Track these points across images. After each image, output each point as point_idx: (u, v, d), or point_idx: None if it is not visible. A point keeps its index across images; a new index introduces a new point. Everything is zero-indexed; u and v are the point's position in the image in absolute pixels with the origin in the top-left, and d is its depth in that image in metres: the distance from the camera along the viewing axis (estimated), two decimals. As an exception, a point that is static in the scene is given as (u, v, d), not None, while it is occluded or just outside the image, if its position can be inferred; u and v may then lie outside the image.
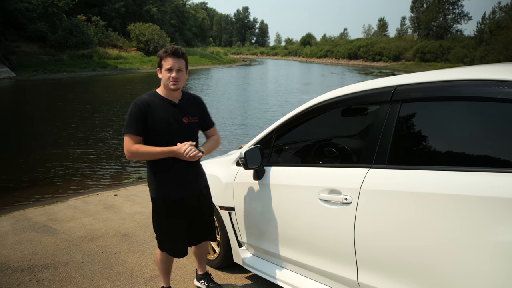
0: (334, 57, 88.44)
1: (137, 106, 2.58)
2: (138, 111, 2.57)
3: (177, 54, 2.58)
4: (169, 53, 2.58)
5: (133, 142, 2.57)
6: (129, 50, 48.42)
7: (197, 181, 2.80)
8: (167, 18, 61.35)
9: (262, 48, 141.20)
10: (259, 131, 12.10)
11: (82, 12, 43.26)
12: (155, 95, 2.67)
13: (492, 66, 2.05)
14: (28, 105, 19.05)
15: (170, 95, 2.67)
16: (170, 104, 2.66)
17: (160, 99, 2.66)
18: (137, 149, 2.56)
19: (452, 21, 70.52)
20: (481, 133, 1.91)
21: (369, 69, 60.17)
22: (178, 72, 2.59)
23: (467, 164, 1.85)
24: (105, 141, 11.49)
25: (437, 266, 1.85)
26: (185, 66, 2.66)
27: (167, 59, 2.58)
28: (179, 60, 2.60)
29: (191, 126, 2.70)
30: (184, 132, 2.65)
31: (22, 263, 3.64)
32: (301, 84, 32.52)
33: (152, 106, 2.60)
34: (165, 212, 2.72)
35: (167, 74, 2.59)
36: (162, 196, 2.70)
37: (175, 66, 2.58)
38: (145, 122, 2.57)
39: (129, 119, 2.58)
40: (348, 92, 2.43)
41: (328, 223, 2.32)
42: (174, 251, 2.82)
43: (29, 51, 36.65)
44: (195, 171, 2.78)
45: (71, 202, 5.74)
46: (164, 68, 2.60)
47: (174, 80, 2.58)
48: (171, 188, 2.68)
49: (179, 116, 2.65)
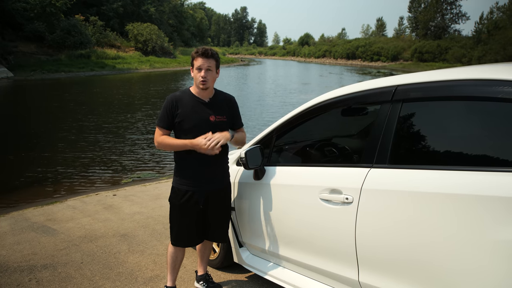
0: (332, 57, 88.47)
1: (168, 101, 2.75)
2: (167, 107, 2.73)
3: (206, 55, 2.69)
4: (199, 54, 2.70)
5: (160, 134, 2.76)
6: (127, 50, 48.35)
7: (216, 178, 2.85)
8: (165, 18, 61.31)
9: (260, 48, 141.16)
10: (257, 132, 12.10)
11: (80, 12, 43.16)
12: (187, 92, 2.81)
13: (492, 66, 2.05)
14: (26, 105, 18.99)
15: (201, 93, 2.78)
16: (199, 101, 2.77)
17: (190, 96, 2.78)
18: (162, 140, 2.74)
19: (450, 21, 70.68)
20: (481, 132, 1.92)
21: (367, 69, 60.21)
22: (207, 71, 2.70)
23: (468, 163, 1.85)
24: (103, 142, 11.47)
25: (438, 265, 1.85)
26: (216, 65, 2.76)
27: (197, 59, 2.70)
28: (209, 60, 2.70)
29: (219, 124, 2.77)
30: (210, 130, 2.71)
31: (21, 264, 3.63)
32: (300, 84, 32.52)
33: (181, 102, 2.74)
34: (182, 201, 2.80)
35: (198, 73, 2.71)
36: (180, 185, 2.80)
37: (204, 65, 2.69)
38: (172, 117, 2.73)
39: (161, 113, 2.77)
40: (349, 92, 2.43)
41: (329, 222, 2.32)
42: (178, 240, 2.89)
43: (27, 51, 36.54)
44: (217, 169, 2.85)
45: (69, 202, 5.72)
46: (195, 67, 2.72)
47: (203, 79, 2.68)
48: (190, 180, 2.78)
49: (206, 114, 2.75)
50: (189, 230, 2.86)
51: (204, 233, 2.93)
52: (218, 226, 2.94)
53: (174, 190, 2.86)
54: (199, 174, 2.78)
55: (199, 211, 2.82)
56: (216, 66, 2.76)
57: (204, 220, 2.88)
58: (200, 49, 2.72)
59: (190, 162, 2.76)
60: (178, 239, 2.89)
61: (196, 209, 2.81)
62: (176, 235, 2.89)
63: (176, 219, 2.87)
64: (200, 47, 2.76)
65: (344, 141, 2.90)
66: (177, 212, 2.85)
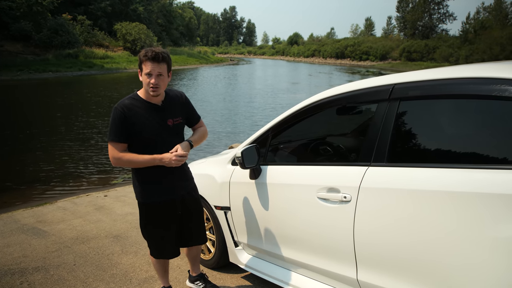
0: (322, 56, 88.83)
1: (118, 112, 2.47)
2: (119, 118, 2.46)
3: (157, 59, 2.42)
4: (148, 58, 2.42)
5: (117, 149, 2.48)
6: (116, 50, 47.93)
7: (182, 184, 2.72)
8: (154, 17, 60.94)
9: (249, 48, 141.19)
10: (248, 132, 12.05)
11: (68, 11, 42.64)
12: (136, 99, 2.55)
13: (490, 64, 2.06)
14: (13, 106, 18.71)
15: (152, 98, 2.55)
16: (152, 107, 2.55)
17: (142, 102, 2.54)
18: (121, 157, 2.48)
19: (438, 20, 71.49)
20: (479, 130, 1.92)
21: (356, 68, 60.54)
22: (158, 77, 2.45)
23: (467, 161, 1.86)
24: (92, 142, 11.35)
25: (437, 263, 1.85)
26: (167, 69, 2.51)
27: (146, 63, 2.43)
28: (160, 65, 2.44)
29: (176, 127, 2.63)
30: (169, 134, 2.59)
31: (12, 267, 3.56)
32: (289, 84, 32.57)
33: (134, 111, 2.49)
34: (151, 215, 2.66)
35: (147, 79, 2.44)
36: (146, 199, 2.63)
37: (155, 71, 2.43)
38: (127, 129, 2.47)
39: (111, 126, 2.48)
40: (346, 90, 2.42)
41: (327, 221, 2.31)
42: (162, 253, 2.78)
43: (13, 51, 36.00)
44: (181, 174, 2.70)
45: (60, 203, 5.64)
46: (144, 72, 2.45)
47: (153, 86, 2.44)
48: (155, 191, 2.61)
49: (163, 119, 2.57)
50: (170, 241, 2.73)
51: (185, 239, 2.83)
52: (199, 229, 2.85)
53: (141, 205, 2.66)
54: (166, 184, 2.62)
55: (177, 219, 2.72)
56: (168, 70, 2.51)
57: (183, 226, 2.77)
58: (149, 52, 2.41)
59: (155, 173, 2.57)
60: (160, 252, 2.77)
61: (174, 217, 2.70)
62: (156, 249, 2.76)
63: (154, 233, 2.71)
64: (149, 49, 2.44)
65: (341, 140, 2.90)
66: (154, 226, 2.69)
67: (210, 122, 14.25)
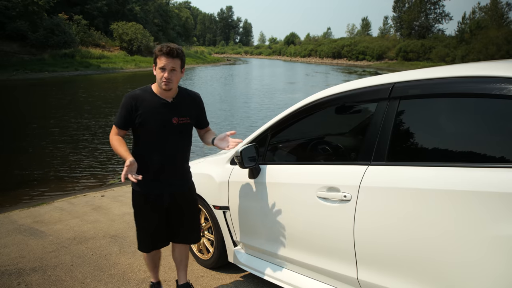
0: (318, 56, 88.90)
1: (127, 100, 2.57)
2: (126, 106, 2.56)
3: (172, 54, 2.48)
4: (163, 53, 2.48)
5: (116, 132, 2.61)
6: (112, 50, 47.79)
7: (177, 180, 2.72)
8: (150, 17, 60.79)
9: (246, 48, 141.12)
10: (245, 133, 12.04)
11: (64, 11, 42.40)
12: (148, 91, 2.61)
13: (490, 63, 2.07)
14: (9, 106, 18.63)
15: (163, 93, 2.59)
16: (161, 102, 2.58)
17: (152, 95, 2.59)
18: (112, 140, 2.60)
19: (434, 20, 71.76)
20: (479, 129, 1.92)
21: (352, 68, 60.63)
22: (171, 72, 2.50)
23: (466, 160, 1.86)
24: (89, 142, 11.31)
25: (437, 262, 1.85)
26: (180, 65, 2.57)
27: (161, 58, 2.49)
28: (174, 60, 2.50)
29: (182, 126, 2.63)
30: (172, 132, 2.59)
31: (9, 267, 3.54)
32: (286, 84, 32.57)
33: (141, 103, 2.55)
34: (142, 204, 2.71)
35: (161, 73, 2.50)
36: (139, 188, 2.67)
37: (169, 66, 2.49)
38: (130, 118, 2.55)
39: (119, 112, 2.60)
40: (345, 89, 2.42)
41: (327, 220, 2.31)
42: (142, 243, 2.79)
43: (9, 50, 35.80)
44: (177, 171, 2.71)
45: (57, 203, 5.61)
46: (158, 66, 2.51)
47: (166, 80, 2.50)
48: (148, 182, 2.62)
49: (169, 115, 2.58)
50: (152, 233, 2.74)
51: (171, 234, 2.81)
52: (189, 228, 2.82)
53: (134, 193, 2.73)
54: (160, 177, 2.62)
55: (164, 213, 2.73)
56: (181, 66, 2.58)
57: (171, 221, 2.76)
58: (164, 48, 2.49)
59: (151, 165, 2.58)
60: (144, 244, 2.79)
61: (160, 211, 2.71)
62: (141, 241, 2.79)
63: (139, 222, 2.77)
64: (164, 45, 2.53)
65: (341, 139, 2.89)
66: (139, 215, 2.75)
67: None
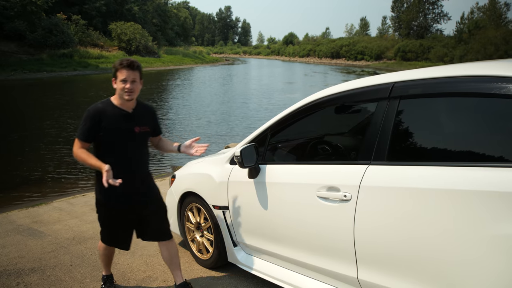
0: (317, 56, 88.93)
1: (90, 113, 2.70)
2: (90, 120, 2.68)
3: (132, 67, 2.67)
4: (124, 66, 2.67)
5: (80, 146, 2.71)
6: (111, 50, 47.67)
7: (143, 185, 2.85)
8: (149, 17, 60.68)
9: (244, 48, 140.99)
10: (243, 134, 12.00)
11: (62, 11, 42.26)
12: (109, 104, 2.76)
13: (490, 63, 2.07)
14: (7, 106, 18.59)
15: (124, 104, 2.75)
16: (122, 113, 2.75)
17: (114, 108, 2.75)
18: (79, 154, 2.69)
19: (432, 20, 71.89)
20: (480, 129, 1.92)
21: (351, 68, 60.66)
22: (132, 83, 2.68)
23: (466, 159, 1.86)
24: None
25: (437, 261, 1.85)
26: (139, 77, 2.75)
27: (122, 71, 2.67)
28: (134, 72, 2.68)
29: (142, 135, 2.82)
30: (135, 140, 2.77)
31: (8, 267, 3.53)
32: (285, 84, 32.57)
33: (105, 115, 2.70)
34: (105, 214, 2.86)
35: (122, 85, 2.67)
36: (103, 201, 2.80)
37: (130, 77, 2.67)
38: (95, 131, 2.68)
39: (81, 125, 2.71)
40: (345, 89, 2.42)
41: (327, 220, 2.31)
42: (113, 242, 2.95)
43: (7, 50, 35.69)
44: (142, 175, 2.86)
45: (56, 204, 5.60)
46: (119, 79, 2.68)
47: (128, 90, 2.67)
48: (112, 196, 2.73)
49: (131, 125, 2.76)
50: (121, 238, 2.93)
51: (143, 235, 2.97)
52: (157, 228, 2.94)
53: (98, 204, 2.86)
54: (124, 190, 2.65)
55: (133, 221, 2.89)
56: (140, 77, 2.76)
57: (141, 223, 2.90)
58: (124, 61, 2.69)
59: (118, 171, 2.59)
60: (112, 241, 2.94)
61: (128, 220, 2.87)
62: (108, 238, 2.94)
63: (107, 229, 2.91)
64: (123, 59, 2.73)
65: (341, 139, 2.89)
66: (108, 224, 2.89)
67: (204, 124, 14.20)
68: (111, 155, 2.69)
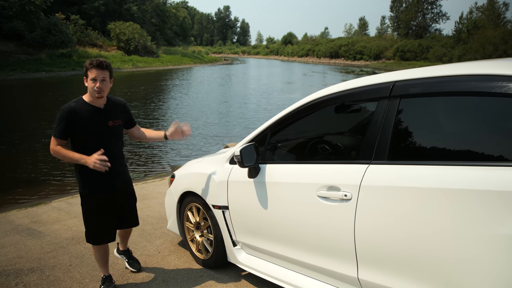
0: (316, 56, 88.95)
1: (64, 112, 2.83)
2: (65, 118, 2.82)
3: (101, 66, 2.83)
4: (94, 65, 2.82)
5: (57, 143, 2.88)
6: (110, 49, 47.63)
7: (119, 177, 3.06)
8: (147, 17, 60.64)
9: (243, 47, 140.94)
10: (242, 135, 12.00)
11: (61, 11, 42.22)
12: (81, 102, 2.91)
13: (490, 62, 2.06)
14: (5, 106, 18.56)
15: (96, 101, 2.91)
16: (95, 109, 2.91)
17: (86, 105, 2.90)
18: (58, 150, 2.88)
19: (431, 20, 71.99)
20: (480, 128, 1.92)
21: (350, 68, 60.68)
22: (102, 82, 2.84)
23: (466, 159, 1.85)
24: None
25: (437, 260, 1.85)
26: (109, 76, 2.90)
27: (92, 70, 2.82)
28: (103, 71, 2.84)
29: (116, 128, 3.01)
30: (110, 134, 2.96)
31: (7, 268, 3.52)
32: (284, 83, 32.57)
33: (78, 113, 2.84)
34: (91, 204, 2.99)
35: (92, 83, 2.83)
36: (87, 191, 2.96)
37: (99, 77, 2.82)
38: (70, 128, 2.83)
39: (57, 124, 2.85)
40: (346, 88, 2.41)
41: (327, 220, 2.30)
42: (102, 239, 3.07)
43: (6, 50, 35.65)
44: (119, 166, 3.05)
45: (54, 204, 5.58)
46: (90, 78, 2.83)
47: (98, 89, 2.83)
48: (95, 184, 2.94)
49: (104, 120, 2.93)
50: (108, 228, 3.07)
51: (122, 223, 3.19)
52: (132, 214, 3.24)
53: (82, 196, 3.00)
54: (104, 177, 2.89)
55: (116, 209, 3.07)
56: (110, 76, 2.91)
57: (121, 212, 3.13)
58: (94, 61, 2.83)
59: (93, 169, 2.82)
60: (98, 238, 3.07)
61: (113, 206, 3.04)
62: (95, 236, 3.06)
63: (94, 220, 3.03)
64: (94, 59, 2.87)
65: (341, 138, 2.88)
66: (95, 215, 3.01)
67: (202, 125, 14.17)
68: (88, 149, 2.82)
